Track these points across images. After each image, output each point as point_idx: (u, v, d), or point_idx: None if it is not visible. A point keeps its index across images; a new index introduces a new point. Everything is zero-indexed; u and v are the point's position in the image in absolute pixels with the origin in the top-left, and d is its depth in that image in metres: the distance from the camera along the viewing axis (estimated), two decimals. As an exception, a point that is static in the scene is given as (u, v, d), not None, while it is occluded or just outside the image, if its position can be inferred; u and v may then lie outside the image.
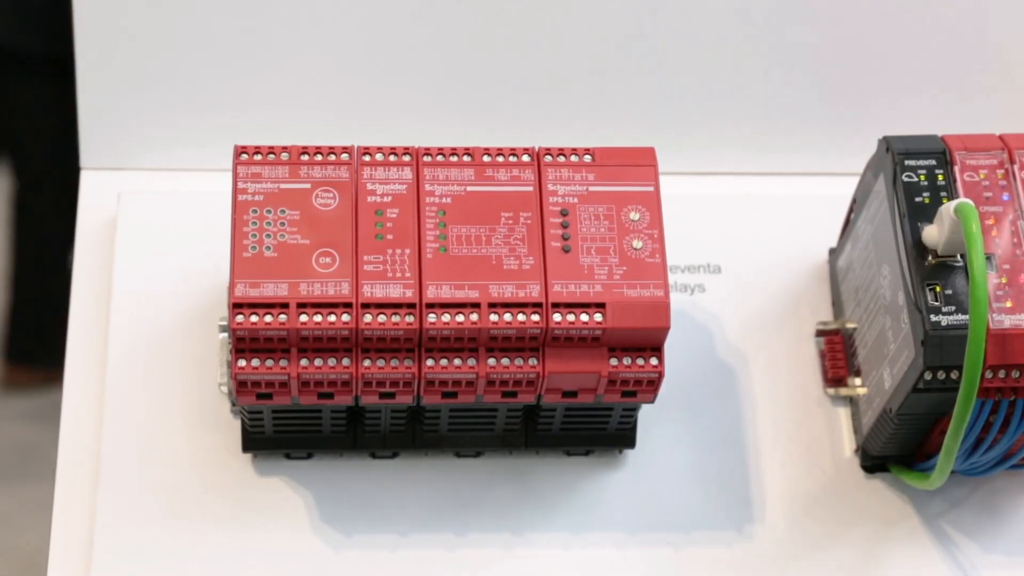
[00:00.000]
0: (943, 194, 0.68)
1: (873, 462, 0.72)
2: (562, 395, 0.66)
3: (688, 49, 0.80)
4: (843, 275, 0.75)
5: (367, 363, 0.64)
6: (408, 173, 0.66)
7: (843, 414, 0.74)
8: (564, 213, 0.66)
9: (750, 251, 0.77)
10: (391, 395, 0.65)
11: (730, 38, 0.80)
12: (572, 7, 0.79)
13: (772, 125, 0.81)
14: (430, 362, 0.64)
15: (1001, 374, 0.64)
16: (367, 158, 0.67)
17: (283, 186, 0.66)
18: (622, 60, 0.80)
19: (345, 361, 0.64)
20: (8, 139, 1.76)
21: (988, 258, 0.66)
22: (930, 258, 0.66)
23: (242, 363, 0.64)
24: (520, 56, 0.80)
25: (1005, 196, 0.68)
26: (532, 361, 0.65)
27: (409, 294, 0.64)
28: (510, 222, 0.66)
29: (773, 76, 0.81)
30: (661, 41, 0.80)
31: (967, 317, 0.64)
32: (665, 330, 0.65)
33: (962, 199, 0.66)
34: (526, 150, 0.67)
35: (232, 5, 0.78)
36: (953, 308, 0.65)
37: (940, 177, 0.68)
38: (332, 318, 0.63)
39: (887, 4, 0.80)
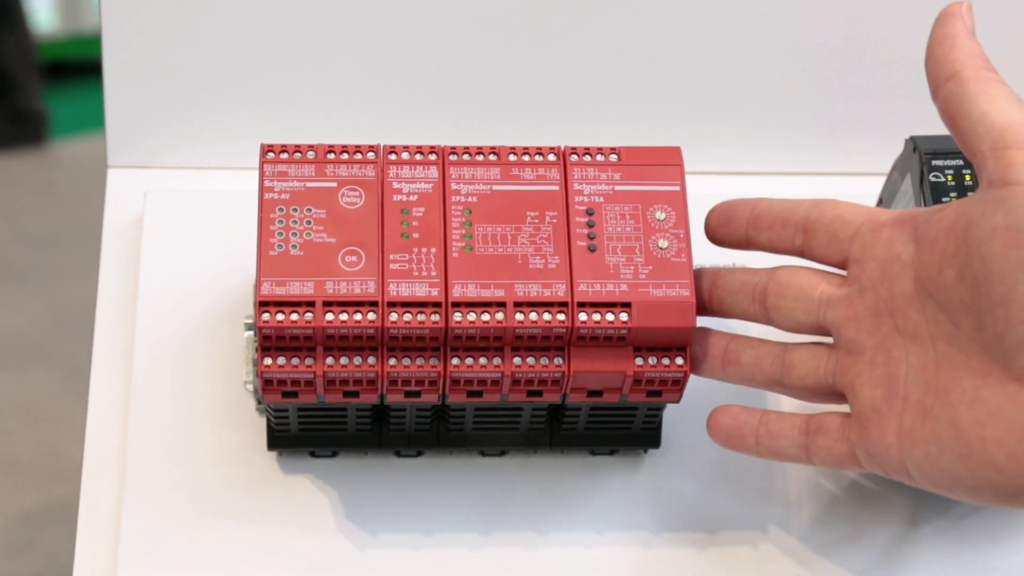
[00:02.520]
0: (970, 195, 0.67)
1: (899, 463, 0.72)
2: (587, 394, 0.66)
3: (714, 49, 0.80)
4: (869, 275, 0.74)
5: (392, 362, 0.64)
6: (434, 172, 0.66)
7: (869, 414, 0.73)
8: (590, 212, 0.66)
9: (776, 251, 0.77)
10: (416, 394, 0.65)
11: (756, 38, 0.80)
12: (599, 6, 0.79)
13: (798, 125, 0.81)
14: (455, 361, 0.64)
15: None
16: (393, 157, 0.67)
17: (309, 184, 0.66)
18: (648, 59, 0.80)
19: (371, 360, 0.64)
20: None
21: (1015, 259, 0.66)
22: (957, 258, 0.66)
23: (268, 361, 0.64)
24: (546, 55, 0.80)
25: (1032, 196, 0.67)
26: (557, 360, 0.64)
27: (435, 293, 0.64)
28: (536, 221, 0.66)
29: (799, 76, 0.81)
30: (687, 40, 0.80)
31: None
32: (691, 330, 0.65)
33: (989, 199, 0.66)
34: (552, 149, 0.67)
35: (259, 4, 0.78)
36: (980, 309, 0.65)
37: (967, 177, 0.68)
38: (358, 316, 0.63)
39: (913, 3, 0.80)
